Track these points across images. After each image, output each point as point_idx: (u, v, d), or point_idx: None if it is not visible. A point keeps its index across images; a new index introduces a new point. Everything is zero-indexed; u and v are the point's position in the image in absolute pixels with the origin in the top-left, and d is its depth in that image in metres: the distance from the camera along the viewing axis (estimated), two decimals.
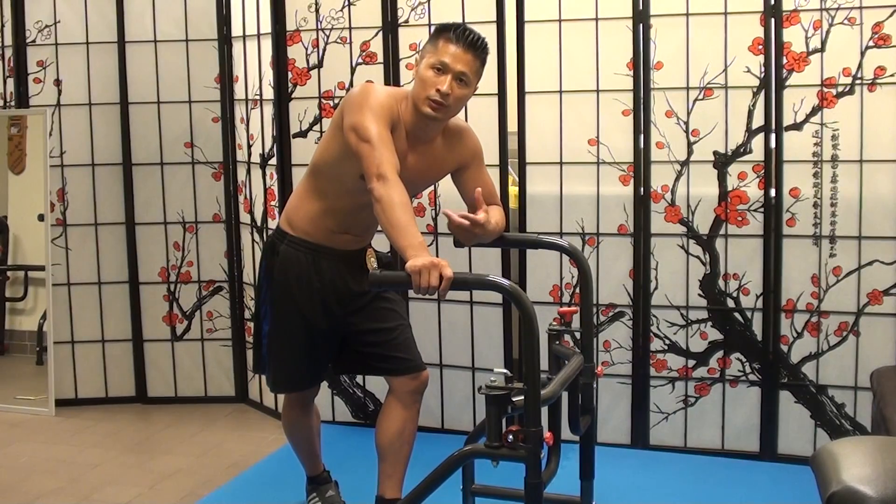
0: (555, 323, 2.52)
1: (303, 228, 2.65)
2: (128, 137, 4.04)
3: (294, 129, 3.68)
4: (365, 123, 2.39)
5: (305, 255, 2.65)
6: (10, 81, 4.05)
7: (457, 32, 2.45)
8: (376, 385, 3.68)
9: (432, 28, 3.44)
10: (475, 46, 2.46)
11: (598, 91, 3.38)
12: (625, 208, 3.40)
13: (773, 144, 3.23)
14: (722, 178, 3.30)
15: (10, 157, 4.34)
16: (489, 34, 3.31)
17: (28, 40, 4.00)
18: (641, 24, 3.30)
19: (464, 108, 2.78)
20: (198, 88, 4.03)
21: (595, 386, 2.59)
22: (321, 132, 3.62)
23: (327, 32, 3.61)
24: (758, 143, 3.25)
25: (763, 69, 3.21)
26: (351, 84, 3.59)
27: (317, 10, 3.61)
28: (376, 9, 3.54)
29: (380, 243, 2.89)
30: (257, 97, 3.82)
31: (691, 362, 3.41)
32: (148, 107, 4.03)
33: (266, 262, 2.72)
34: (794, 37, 3.17)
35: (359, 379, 3.77)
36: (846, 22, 3.12)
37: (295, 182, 3.59)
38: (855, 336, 3.23)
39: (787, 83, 3.20)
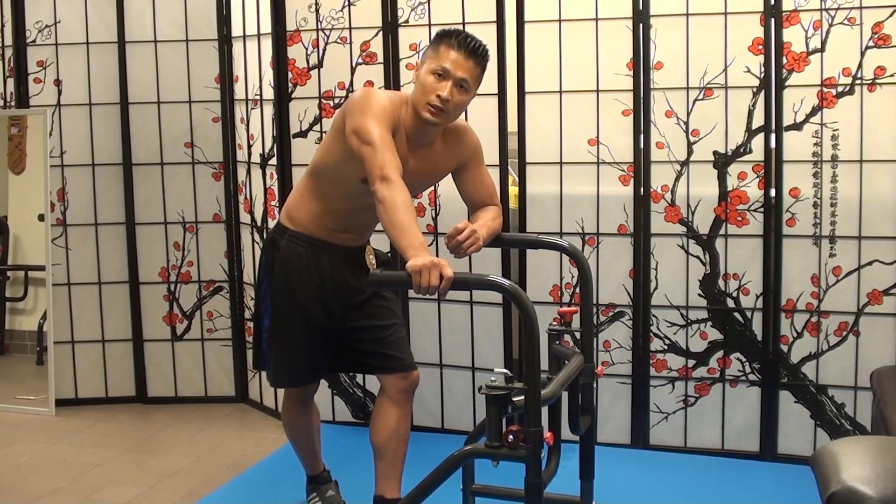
0: (555, 323, 2.52)
1: (303, 224, 2.68)
2: (128, 137, 4.04)
3: (294, 129, 3.68)
4: (367, 126, 2.40)
5: (306, 250, 2.66)
6: (10, 81, 4.05)
7: (458, 39, 2.47)
8: (376, 385, 3.67)
9: (432, 29, 3.46)
10: (476, 53, 2.48)
11: (598, 91, 3.38)
12: (625, 208, 3.40)
13: (773, 144, 3.23)
14: (722, 178, 3.30)
15: (10, 157, 4.34)
16: (489, 34, 3.34)
17: (28, 40, 4.00)
18: (641, 24, 3.30)
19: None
20: (198, 88, 4.03)
21: (595, 386, 2.59)
22: (321, 132, 3.63)
23: (327, 32, 3.61)
24: (758, 143, 3.25)
25: (763, 69, 3.21)
26: (351, 84, 3.60)
27: (317, 10, 3.61)
28: (376, 9, 3.54)
29: (379, 242, 2.89)
30: (257, 97, 3.82)
31: (691, 362, 3.41)
32: (148, 107, 4.03)
33: (266, 257, 2.74)
34: (794, 37, 3.17)
35: (359, 379, 3.77)
36: (846, 22, 3.12)
37: (295, 181, 3.58)
38: (855, 336, 3.23)
39: (787, 83, 3.20)
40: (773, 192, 3.25)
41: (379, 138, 2.38)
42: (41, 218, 4.08)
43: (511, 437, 2.04)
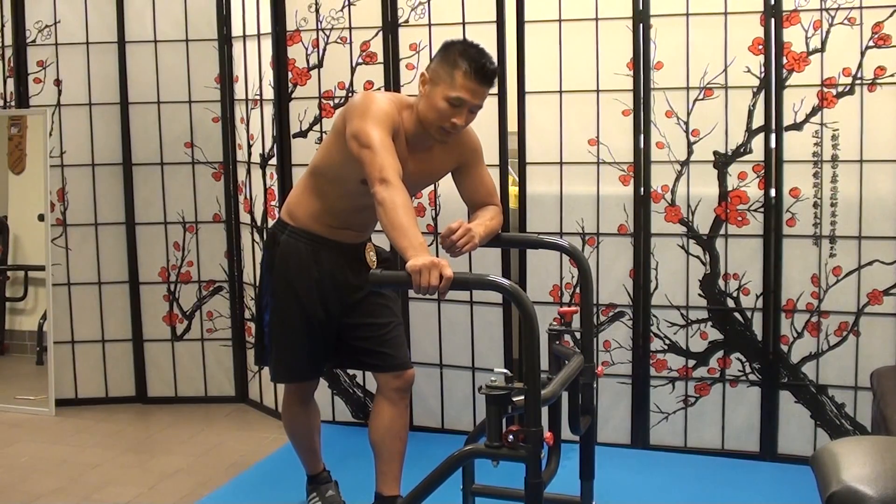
0: (555, 323, 2.52)
1: (303, 221, 2.70)
2: (128, 137, 4.04)
3: (294, 129, 3.68)
4: (367, 130, 2.42)
5: (305, 246, 2.68)
6: (10, 81, 4.04)
7: (475, 67, 2.48)
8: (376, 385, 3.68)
9: (432, 29, 3.46)
10: (491, 79, 2.53)
11: (598, 91, 3.38)
12: (625, 208, 3.40)
13: (773, 144, 3.23)
14: (722, 178, 3.30)
15: (10, 157, 4.34)
16: (489, 34, 3.34)
17: (28, 40, 4.00)
18: (641, 24, 3.30)
19: None
20: (198, 88, 4.03)
21: (595, 386, 2.60)
22: (321, 132, 3.63)
23: (327, 32, 3.61)
24: (758, 143, 3.25)
25: (763, 69, 3.21)
26: (351, 84, 3.60)
27: (317, 10, 3.61)
28: (376, 9, 3.54)
29: (380, 242, 2.89)
30: (257, 97, 3.82)
31: (691, 362, 3.41)
32: (148, 107, 4.03)
33: (267, 253, 2.78)
34: (794, 37, 3.17)
35: (359, 379, 3.77)
36: (846, 22, 3.12)
37: (295, 181, 3.58)
38: (855, 336, 3.23)
39: (787, 83, 3.20)
40: (773, 192, 3.25)
41: (378, 142, 2.40)
42: (41, 218, 4.08)
43: (511, 437, 2.04)
